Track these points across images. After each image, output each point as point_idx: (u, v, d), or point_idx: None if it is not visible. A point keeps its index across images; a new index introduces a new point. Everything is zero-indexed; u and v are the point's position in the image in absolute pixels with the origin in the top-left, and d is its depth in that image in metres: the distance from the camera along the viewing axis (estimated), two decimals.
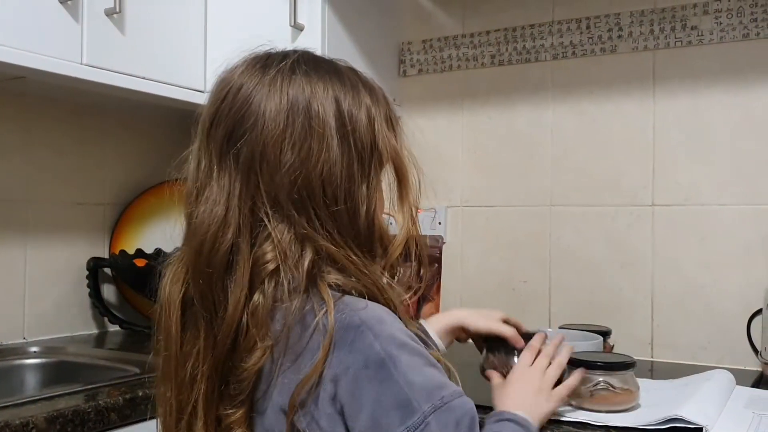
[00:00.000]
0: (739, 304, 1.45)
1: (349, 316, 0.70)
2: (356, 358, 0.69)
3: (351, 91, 0.78)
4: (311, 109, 0.74)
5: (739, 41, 1.48)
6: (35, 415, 1.01)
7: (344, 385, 0.69)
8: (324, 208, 0.74)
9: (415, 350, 0.71)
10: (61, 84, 1.42)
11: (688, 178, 1.53)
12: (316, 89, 0.76)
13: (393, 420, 0.68)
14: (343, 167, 0.74)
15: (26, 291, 1.65)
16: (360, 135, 0.76)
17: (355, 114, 0.76)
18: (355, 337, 0.69)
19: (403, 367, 0.69)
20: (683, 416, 0.96)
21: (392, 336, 0.70)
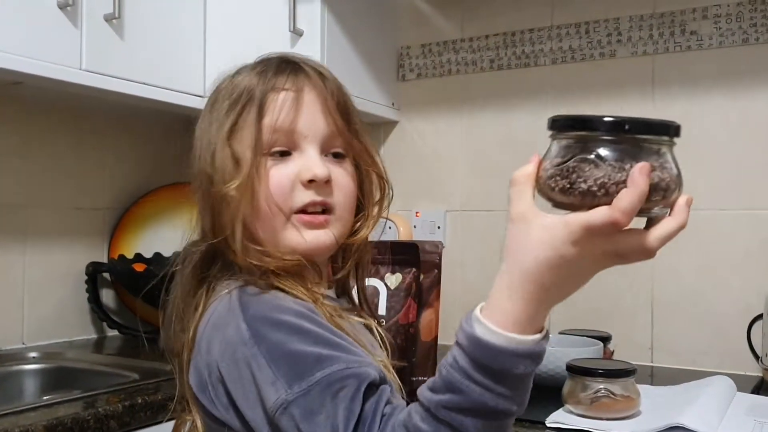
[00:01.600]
0: (739, 309, 1.45)
1: (230, 299, 0.72)
2: (226, 340, 0.69)
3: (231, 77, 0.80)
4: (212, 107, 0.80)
5: (739, 46, 1.48)
6: (35, 422, 1.00)
7: (223, 369, 0.69)
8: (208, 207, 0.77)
9: (294, 328, 0.67)
10: (60, 89, 1.41)
11: (687, 183, 1.51)
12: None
13: (260, 398, 0.66)
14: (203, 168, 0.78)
15: (25, 296, 1.64)
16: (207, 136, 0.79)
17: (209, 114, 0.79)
18: (228, 319, 0.70)
19: (269, 347, 0.66)
20: (684, 424, 0.96)
21: (264, 316, 0.69)
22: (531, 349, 0.58)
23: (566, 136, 0.58)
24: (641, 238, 0.56)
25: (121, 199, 1.86)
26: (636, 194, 0.53)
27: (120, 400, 1.14)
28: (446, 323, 1.77)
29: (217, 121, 0.77)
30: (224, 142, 0.76)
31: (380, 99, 1.80)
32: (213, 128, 0.77)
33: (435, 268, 1.27)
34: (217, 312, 0.73)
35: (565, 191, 0.56)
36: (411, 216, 1.82)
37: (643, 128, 0.57)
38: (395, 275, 1.26)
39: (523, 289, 0.58)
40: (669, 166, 0.58)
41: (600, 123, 0.55)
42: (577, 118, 0.57)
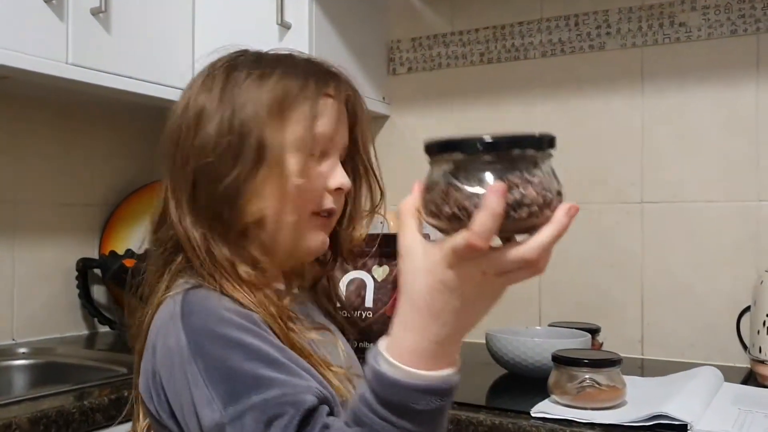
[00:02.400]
0: (728, 301, 1.45)
1: (174, 305, 0.70)
2: (168, 349, 0.68)
3: (246, 78, 0.76)
4: (196, 98, 0.77)
5: (727, 37, 1.48)
6: (18, 415, 1.00)
7: (162, 377, 0.69)
8: (187, 189, 0.76)
9: (234, 342, 0.65)
10: (47, 84, 1.41)
11: (676, 175, 1.53)
12: (214, 81, 0.77)
13: (197, 414, 0.64)
14: (213, 149, 0.74)
15: (15, 292, 1.64)
16: (239, 118, 0.75)
17: (236, 98, 0.76)
18: (169, 328, 0.69)
19: (207, 364, 0.65)
20: (668, 413, 0.96)
21: (204, 328, 0.67)
22: (433, 385, 0.55)
23: (435, 160, 0.56)
24: (517, 251, 0.53)
25: (112, 195, 1.85)
26: (487, 215, 0.51)
27: (106, 393, 1.14)
28: None
29: (258, 104, 0.75)
30: (271, 129, 0.75)
31: (370, 93, 1.79)
32: (250, 109, 0.75)
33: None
34: (162, 317, 0.72)
35: (436, 216, 0.54)
36: None
37: (505, 144, 0.54)
38: (382, 267, 1.26)
39: (414, 319, 0.56)
40: (538, 180, 0.54)
41: (459, 144, 0.53)
42: (441, 141, 0.55)
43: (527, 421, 1.01)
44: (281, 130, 0.75)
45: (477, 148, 0.52)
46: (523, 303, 1.67)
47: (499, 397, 1.08)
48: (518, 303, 1.67)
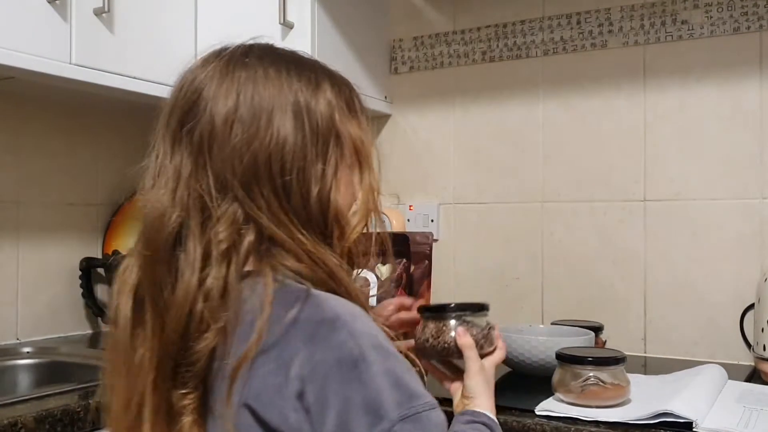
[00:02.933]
0: (732, 298, 1.45)
1: (322, 310, 0.68)
2: (328, 356, 0.65)
3: (309, 76, 0.76)
4: (262, 91, 0.74)
5: (730, 35, 1.48)
6: (24, 414, 1.00)
7: (313, 385, 0.65)
8: (273, 190, 0.72)
9: (391, 353, 0.68)
10: (51, 84, 1.41)
11: (679, 173, 1.53)
12: (270, 71, 0.75)
13: (360, 424, 0.64)
14: (296, 146, 0.73)
15: (19, 292, 1.64)
16: (316, 114, 0.75)
17: (313, 94, 0.75)
18: (328, 334, 0.66)
19: (376, 370, 0.66)
20: (673, 410, 0.96)
21: (368, 334, 0.67)
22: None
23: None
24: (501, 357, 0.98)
25: (115, 195, 1.85)
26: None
27: None
28: None
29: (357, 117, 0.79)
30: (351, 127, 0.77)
31: (373, 92, 1.79)
32: (355, 121, 0.78)
33: (426, 259, 1.27)
34: (305, 322, 0.67)
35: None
36: (404, 209, 1.82)
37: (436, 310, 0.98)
38: (386, 266, 1.27)
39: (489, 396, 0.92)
40: (452, 334, 0.95)
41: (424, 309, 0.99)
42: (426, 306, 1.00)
43: (532, 420, 1.01)
44: (355, 128, 0.78)
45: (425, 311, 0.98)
46: (526, 300, 1.67)
47: (503, 395, 1.07)
48: (521, 300, 1.67)
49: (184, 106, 0.75)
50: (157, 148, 0.77)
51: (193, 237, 0.71)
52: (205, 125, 0.73)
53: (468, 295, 1.74)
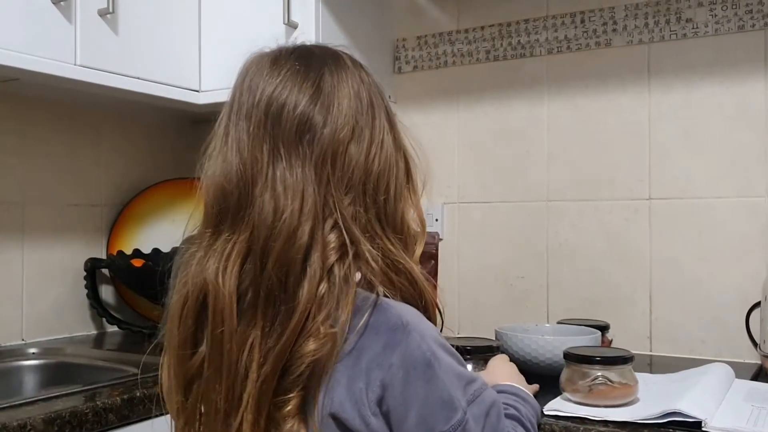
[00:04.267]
0: (738, 296, 1.45)
1: (392, 316, 0.72)
2: (406, 360, 0.70)
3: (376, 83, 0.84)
4: (373, 104, 0.80)
5: (734, 33, 1.48)
6: (33, 416, 1.01)
7: (393, 389, 0.70)
8: (374, 202, 0.77)
9: (449, 349, 0.75)
10: (56, 85, 1.41)
11: (684, 171, 1.52)
12: (370, 82, 0.82)
13: (439, 419, 0.70)
14: (399, 167, 0.80)
15: (24, 293, 1.65)
16: (398, 132, 0.82)
17: (389, 105, 0.83)
18: (402, 338, 0.70)
19: (445, 366, 0.72)
20: (681, 410, 0.96)
21: (433, 336, 0.73)
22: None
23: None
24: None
25: (119, 196, 1.86)
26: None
27: (119, 393, 1.15)
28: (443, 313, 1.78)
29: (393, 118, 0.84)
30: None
31: None
32: (395, 123, 0.83)
33: (432, 259, 1.27)
34: (379, 328, 0.71)
35: None
36: None
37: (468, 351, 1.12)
38: None
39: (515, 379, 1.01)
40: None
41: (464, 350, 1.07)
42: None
43: (540, 419, 1.01)
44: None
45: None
46: (531, 300, 1.67)
47: None
48: (526, 300, 1.67)
49: (303, 112, 0.76)
50: (255, 141, 0.76)
51: (318, 248, 0.74)
52: (329, 140, 0.76)
53: (472, 295, 1.74)
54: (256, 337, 0.72)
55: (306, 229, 0.73)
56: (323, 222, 0.75)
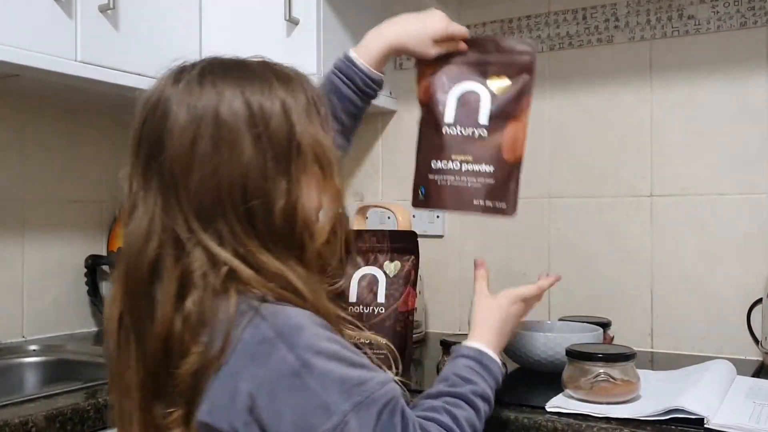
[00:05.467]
0: (739, 293, 1.45)
1: (263, 328, 0.71)
2: (270, 372, 0.70)
3: (262, 88, 0.77)
4: (219, 116, 0.75)
5: (737, 30, 1.48)
6: (35, 413, 1.00)
7: (262, 400, 0.70)
8: (242, 212, 0.74)
9: (335, 354, 0.72)
10: (56, 81, 1.41)
11: (686, 168, 1.52)
12: (224, 94, 0.75)
13: (314, 425, 0.69)
14: (258, 169, 0.74)
15: (24, 290, 1.65)
16: (274, 130, 0.76)
17: (268, 110, 0.76)
18: (268, 350, 0.70)
19: (318, 373, 0.70)
20: (684, 407, 0.96)
21: (308, 344, 0.71)
22: (499, 362, 0.95)
23: None
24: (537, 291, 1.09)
25: (120, 192, 1.84)
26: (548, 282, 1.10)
27: None
28: (444, 311, 1.78)
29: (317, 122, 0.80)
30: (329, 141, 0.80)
31: None
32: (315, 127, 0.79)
33: (525, 72, 1.08)
34: (248, 342, 0.71)
35: None
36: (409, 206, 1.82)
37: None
38: (394, 263, 1.26)
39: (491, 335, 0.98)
40: None
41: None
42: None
43: (543, 416, 1.01)
44: (314, 132, 0.78)
45: None
46: None
47: (513, 391, 1.08)
48: None
49: (151, 134, 0.77)
50: (131, 177, 0.79)
51: (168, 269, 0.74)
52: (171, 159, 0.75)
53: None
54: (132, 359, 0.77)
55: (149, 251, 0.74)
56: (175, 243, 0.74)
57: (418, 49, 1.10)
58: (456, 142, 1.06)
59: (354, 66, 1.08)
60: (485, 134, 1.06)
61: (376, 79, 1.10)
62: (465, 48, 1.10)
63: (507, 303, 1.01)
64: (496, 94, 1.08)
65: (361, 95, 1.10)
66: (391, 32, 1.11)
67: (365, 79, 1.08)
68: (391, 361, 0.87)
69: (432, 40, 1.10)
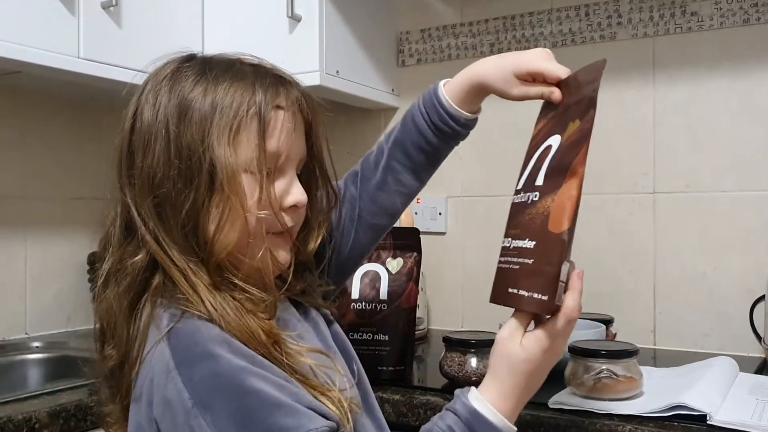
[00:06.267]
0: (741, 290, 1.45)
1: (166, 355, 0.67)
2: (168, 404, 0.66)
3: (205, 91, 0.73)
4: (145, 115, 0.74)
5: (740, 26, 1.47)
6: (38, 409, 1.01)
7: (164, 424, 0.67)
8: (155, 215, 0.73)
9: (241, 391, 0.64)
10: (58, 78, 1.41)
11: (688, 165, 1.52)
12: (159, 94, 0.75)
13: None
14: (165, 172, 0.72)
15: (27, 287, 1.65)
16: (186, 139, 0.72)
17: (190, 115, 0.72)
18: (167, 382, 0.66)
19: (216, 417, 0.63)
20: (687, 403, 0.96)
21: (208, 380, 0.65)
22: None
23: None
24: (573, 312, 0.76)
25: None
26: (577, 294, 0.78)
27: None
28: (446, 308, 1.78)
29: (208, 122, 0.72)
30: (225, 148, 0.71)
31: (380, 85, 1.79)
32: (202, 128, 0.72)
33: (590, 107, 0.80)
34: (154, 368, 0.68)
35: None
36: (412, 202, 1.82)
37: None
38: (396, 260, 1.26)
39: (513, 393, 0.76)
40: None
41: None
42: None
43: (545, 413, 1.01)
44: (232, 152, 0.71)
45: None
46: None
47: None
48: None
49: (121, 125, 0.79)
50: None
51: (104, 259, 0.77)
52: (117, 150, 0.77)
53: (476, 289, 1.73)
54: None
55: (108, 230, 0.79)
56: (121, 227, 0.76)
57: (498, 84, 0.90)
58: (515, 213, 0.84)
59: (435, 95, 0.94)
60: (536, 198, 0.79)
61: (454, 114, 0.92)
62: (558, 97, 0.85)
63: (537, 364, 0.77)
64: (561, 143, 0.81)
65: (435, 130, 0.93)
66: (477, 65, 0.92)
67: (441, 111, 0.92)
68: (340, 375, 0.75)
69: (514, 76, 0.88)
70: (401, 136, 0.94)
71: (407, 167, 0.95)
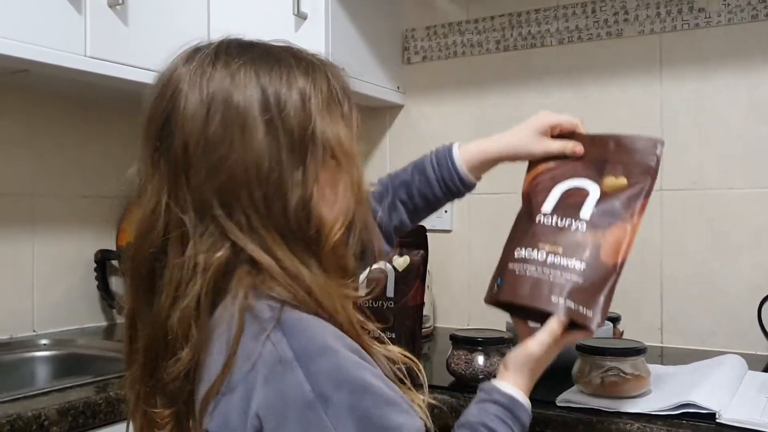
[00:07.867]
0: (749, 288, 1.45)
1: (283, 346, 0.64)
2: (281, 397, 0.63)
3: (280, 73, 0.71)
4: (231, 100, 0.69)
5: (748, 23, 1.47)
6: (47, 407, 1.01)
7: (269, 424, 0.64)
8: (251, 205, 0.68)
9: (362, 385, 0.64)
10: (65, 76, 1.41)
11: (696, 162, 1.52)
12: (237, 77, 0.70)
13: None
14: (271, 157, 0.68)
15: (35, 284, 1.65)
16: (290, 119, 0.70)
17: (283, 96, 0.70)
18: (284, 373, 0.63)
19: (337, 410, 0.62)
20: (696, 401, 0.96)
21: (330, 373, 0.64)
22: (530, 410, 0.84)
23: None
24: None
25: (129, 187, 1.85)
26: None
27: None
28: (452, 306, 1.78)
29: (338, 114, 0.74)
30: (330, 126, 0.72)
31: (385, 83, 1.79)
32: (335, 120, 0.73)
33: (648, 174, 0.93)
34: (260, 359, 0.65)
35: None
36: None
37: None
38: (403, 257, 1.26)
39: (527, 378, 0.88)
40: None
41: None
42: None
43: (553, 411, 1.01)
44: (338, 130, 0.72)
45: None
46: None
47: None
48: None
49: (158, 121, 0.72)
50: (141, 163, 0.75)
51: (170, 261, 0.69)
52: (179, 143, 0.70)
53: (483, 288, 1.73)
54: (131, 352, 0.75)
55: (149, 243, 0.70)
56: (181, 235, 0.69)
57: (521, 149, 1.01)
58: (547, 231, 0.91)
59: (450, 156, 1.01)
60: (583, 228, 0.88)
61: (463, 177, 1.01)
62: (580, 151, 0.98)
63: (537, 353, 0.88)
64: (606, 192, 0.92)
65: (443, 186, 1.01)
66: (493, 138, 1.04)
67: (453, 173, 1.01)
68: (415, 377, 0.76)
69: (538, 134, 1.00)
70: (409, 181, 1.02)
71: (408, 209, 1.03)
